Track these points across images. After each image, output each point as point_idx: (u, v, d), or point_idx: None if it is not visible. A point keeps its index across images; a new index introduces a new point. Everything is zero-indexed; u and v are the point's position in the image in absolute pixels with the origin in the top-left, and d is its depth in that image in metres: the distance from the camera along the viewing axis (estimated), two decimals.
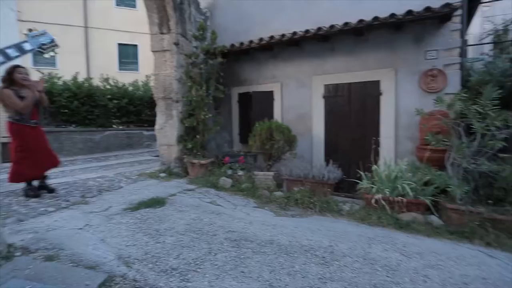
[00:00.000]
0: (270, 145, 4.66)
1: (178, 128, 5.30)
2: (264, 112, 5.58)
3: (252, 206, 3.90)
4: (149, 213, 3.21)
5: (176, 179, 4.97)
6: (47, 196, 3.75)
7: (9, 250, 2.18)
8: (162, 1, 5.06)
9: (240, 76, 6.15)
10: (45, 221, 2.86)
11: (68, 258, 2.20)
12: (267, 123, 4.81)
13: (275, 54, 5.69)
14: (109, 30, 13.92)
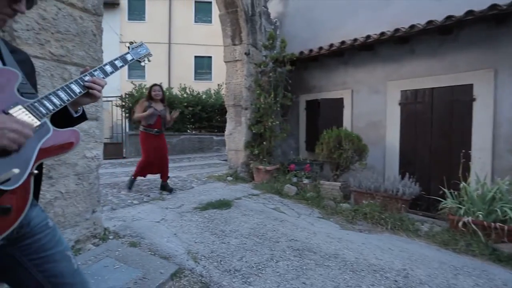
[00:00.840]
0: (338, 154, 4.44)
1: (246, 134, 5.51)
2: (333, 120, 5.38)
3: (317, 216, 3.76)
4: (216, 214, 3.39)
5: (242, 183, 5.15)
6: (133, 190, 4.30)
7: (105, 233, 2.56)
8: (235, 15, 5.39)
9: (309, 83, 6.08)
10: (131, 212, 3.27)
11: (147, 246, 2.47)
12: (335, 131, 4.61)
13: (345, 60, 5.46)
14: (188, 45, 15.48)
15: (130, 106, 9.54)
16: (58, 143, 0.87)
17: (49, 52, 2.07)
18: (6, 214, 0.73)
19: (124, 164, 7.41)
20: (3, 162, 0.72)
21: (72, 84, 0.93)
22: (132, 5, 15.31)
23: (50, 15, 2.07)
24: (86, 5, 2.31)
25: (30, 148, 0.78)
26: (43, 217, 0.95)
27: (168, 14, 15.41)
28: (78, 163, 2.29)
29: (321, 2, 6.06)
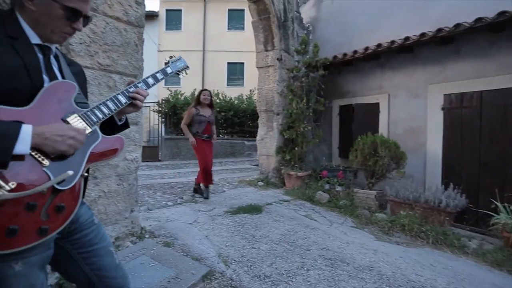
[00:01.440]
0: (374, 162, 4.25)
1: (278, 139, 5.50)
2: (368, 126, 5.17)
3: (350, 225, 3.62)
4: (247, 218, 3.40)
5: (273, 188, 5.13)
6: (168, 192, 4.48)
7: (141, 232, 2.69)
8: (268, 21, 5.45)
9: (342, 88, 5.92)
10: (166, 213, 3.41)
11: (180, 247, 2.55)
12: (370, 137, 4.42)
13: (382, 63, 5.24)
14: (221, 52, 15.92)
15: (166, 111, 10.02)
16: (105, 149, 0.96)
17: (97, 62, 2.25)
18: (61, 212, 0.81)
19: (160, 166, 7.77)
20: (60, 165, 0.80)
21: (119, 95, 1.02)
22: (169, 16, 16.16)
23: (99, 29, 2.25)
24: (130, 18, 2.48)
25: (82, 152, 0.87)
26: (89, 214, 1.03)
27: (203, 22, 16.01)
28: (119, 164, 2.44)
29: (355, 5, 5.92)
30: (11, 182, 0.70)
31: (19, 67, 0.78)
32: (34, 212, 0.75)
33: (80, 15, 0.88)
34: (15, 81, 0.76)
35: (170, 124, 9.97)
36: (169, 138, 9.66)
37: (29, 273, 0.80)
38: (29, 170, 0.74)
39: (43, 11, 0.81)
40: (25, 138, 0.71)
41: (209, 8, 16.01)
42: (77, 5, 0.84)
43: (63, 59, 0.97)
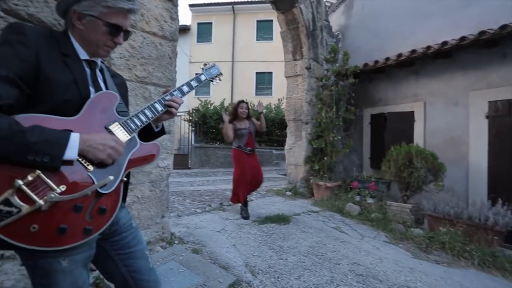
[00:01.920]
0: (409, 173, 4.01)
1: (306, 149, 5.42)
2: (401, 135, 4.92)
3: (383, 240, 3.43)
4: (274, 228, 3.36)
5: (301, 199, 5.03)
6: (197, 199, 4.57)
7: (171, 237, 2.76)
8: (296, 31, 5.47)
9: (374, 96, 5.73)
10: (194, 220, 3.47)
11: (207, 254, 2.57)
12: (405, 147, 4.20)
13: (416, 70, 5.01)
14: (250, 62, 16.21)
15: (196, 121, 10.34)
16: (143, 154, 1.01)
17: (135, 75, 2.39)
18: (103, 214, 0.87)
19: (189, 174, 7.98)
20: (103, 170, 0.86)
21: (156, 103, 1.07)
22: (200, 29, 16.84)
23: (137, 44, 2.40)
24: (165, 33, 2.62)
25: (122, 158, 0.93)
26: (128, 218, 1.09)
27: (232, 34, 16.47)
28: (152, 171, 2.55)
29: (387, 10, 5.75)
30: (61, 185, 0.77)
31: (70, 81, 0.86)
32: (80, 213, 0.81)
33: (121, 30, 0.95)
34: (66, 94, 0.85)
35: (199, 133, 10.27)
36: (198, 147, 9.94)
37: (74, 269, 0.86)
38: (76, 174, 0.81)
39: (89, 28, 0.91)
40: (74, 145, 0.78)
41: (238, 20, 16.46)
42: (117, 21, 0.93)
43: (107, 72, 1.06)
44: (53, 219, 0.77)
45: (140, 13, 2.42)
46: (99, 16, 0.89)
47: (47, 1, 1.95)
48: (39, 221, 0.75)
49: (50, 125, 0.78)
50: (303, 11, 5.24)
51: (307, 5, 5.34)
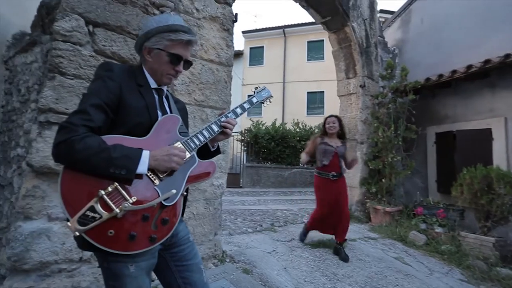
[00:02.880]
0: (488, 200, 3.46)
1: (362, 170, 5.12)
2: (476, 156, 4.33)
3: (458, 278, 2.96)
4: (328, 254, 3.17)
5: (357, 223, 4.70)
6: (248, 218, 4.59)
7: (223, 255, 2.80)
8: (349, 49, 5.37)
9: (439, 113, 5.21)
10: (245, 239, 3.48)
11: (258, 276, 2.53)
12: (482, 169, 3.65)
13: (492, 82, 4.44)
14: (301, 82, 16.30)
15: (248, 141, 10.63)
16: (201, 171, 1.10)
17: (194, 99, 2.60)
18: (166, 224, 0.96)
19: (241, 193, 8.13)
20: (166, 184, 0.98)
21: (212, 124, 1.16)
22: (252, 53, 17.66)
23: (196, 71, 2.63)
24: (221, 59, 2.82)
25: (183, 174, 1.04)
26: (186, 231, 1.17)
27: (283, 56, 16.87)
28: (207, 189, 2.67)
29: (452, 21, 5.31)
30: (133, 196, 0.90)
31: (143, 107, 1.02)
32: (147, 223, 0.92)
33: (181, 59, 1.09)
34: (139, 118, 1.00)
35: (251, 153, 10.50)
36: (250, 166, 10.12)
37: (139, 276, 0.95)
38: (145, 187, 0.93)
39: (156, 59, 1.07)
40: (145, 160, 0.91)
41: (289, 42, 16.87)
42: (178, 51, 1.07)
43: (171, 98, 1.21)
44: (125, 226, 0.88)
45: (200, 43, 2.66)
46: (164, 48, 1.05)
47: (126, 41, 2.27)
48: (114, 227, 0.87)
49: (126, 144, 0.92)
50: (355, 29, 5.15)
51: (359, 22, 5.24)
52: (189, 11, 2.61)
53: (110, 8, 2.15)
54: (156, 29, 1.04)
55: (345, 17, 4.99)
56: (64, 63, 1.92)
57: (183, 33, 1.05)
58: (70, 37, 1.96)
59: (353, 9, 5.05)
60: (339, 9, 4.87)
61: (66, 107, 1.93)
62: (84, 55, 2.02)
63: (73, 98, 1.97)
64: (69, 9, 1.96)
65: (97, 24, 2.10)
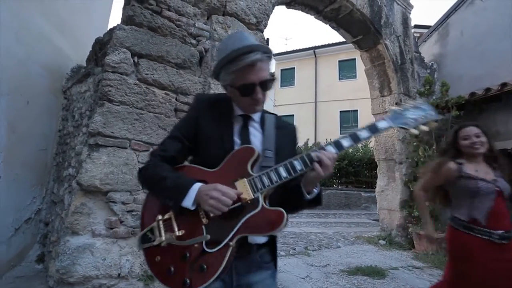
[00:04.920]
0: None
1: (402, 191, 4.80)
2: None
3: None
4: (367, 282, 2.96)
5: (398, 250, 4.35)
6: (280, 241, 4.48)
7: None
8: (383, 66, 5.24)
9: (489, 129, 4.79)
10: (278, 263, 3.38)
11: None
12: None
13: None
14: (333, 101, 16.10)
15: None
16: (260, 222, 0.85)
17: None
18: (202, 271, 0.83)
19: None
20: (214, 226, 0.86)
21: (296, 161, 0.89)
22: (283, 74, 17.97)
23: None
24: None
25: (235, 220, 0.85)
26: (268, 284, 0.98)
27: (314, 76, 16.93)
28: None
29: (497, 31, 4.99)
30: (181, 230, 0.86)
31: (217, 137, 0.95)
32: (185, 263, 0.84)
33: (254, 86, 0.91)
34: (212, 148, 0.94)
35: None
36: None
37: None
38: (193, 224, 0.87)
39: (232, 95, 0.98)
40: (192, 194, 0.84)
41: (320, 62, 16.96)
42: (244, 80, 0.90)
43: (272, 123, 1.03)
44: (168, 257, 0.86)
45: None
46: (231, 83, 0.93)
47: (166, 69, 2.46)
48: (161, 255, 0.87)
49: (194, 174, 0.91)
50: (388, 46, 5.05)
51: (393, 39, 5.14)
52: (222, 39, 2.78)
53: (153, 40, 2.37)
54: (219, 64, 0.93)
55: (377, 35, 4.93)
56: (112, 91, 2.13)
57: (240, 58, 0.88)
58: (118, 68, 2.18)
59: (385, 26, 4.99)
60: (371, 28, 4.84)
61: (112, 131, 2.11)
62: (129, 83, 2.22)
63: (118, 122, 2.15)
64: (119, 44, 2.20)
65: (141, 56, 2.31)
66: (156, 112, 2.36)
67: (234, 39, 0.95)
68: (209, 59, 2.69)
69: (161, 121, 2.37)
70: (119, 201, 2.12)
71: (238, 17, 2.91)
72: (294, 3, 4.16)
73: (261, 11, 3.08)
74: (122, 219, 2.13)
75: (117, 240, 2.10)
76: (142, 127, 2.27)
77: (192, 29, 2.64)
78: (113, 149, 2.12)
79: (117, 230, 2.11)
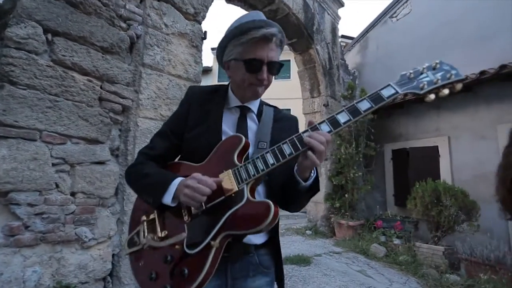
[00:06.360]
0: (437, 212, 3.77)
1: (326, 185, 5.30)
2: (426, 171, 4.72)
3: (414, 286, 3.13)
4: (294, 270, 3.18)
5: (322, 238, 4.81)
6: None
7: None
8: (313, 70, 5.67)
9: (394, 131, 5.65)
10: None
11: None
12: (431, 183, 3.99)
13: (437, 104, 4.94)
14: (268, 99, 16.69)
15: None
16: (247, 216, 0.73)
17: (160, 114, 2.54)
18: (182, 277, 0.72)
19: None
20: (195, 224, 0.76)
21: (285, 144, 0.77)
22: (221, 70, 17.85)
23: (163, 86, 2.58)
24: (189, 75, 2.81)
25: (218, 217, 0.74)
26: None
27: None
28: None
29: (403, 49, 5.90)
30: (164, 230, 0.79)
31: (203, 130, 0.88)
32: (168, 266, 0.75)
33: (261, 64, 0.82)
34: (196, 142, 0.88)
35: None
36: None
37: None
38: (175, 222, 0.79)
39: (234, 72, 0.88)
40: (171, 189, 0.77)
41: None
42: (253, 54, 0.82)
43: (271, 116, 0.97)
44: (150, 262, 0.79)
45: (167, 59, 2.64)
46: (237, 57, 0.85)
47: (89, 52, 2.18)
48: (144, 259, 0.81)
49: (180, 170, 0.86)
50: (319, 51, 5.48)
51: (323, 46, 5.59)
52: (157, 26, 2.59)
53: (74, 18, 2.07)
54: (227, 37, 0.86)
55: (310, 40, 5.30)
56: (16, 72, 1.78)
57: (255, 29, 0.80)
58: (25, 44, 1.83)
59: (316, 33, 5.39)
60: (304, 33, 5.17)
61: (15, 119, 1.77)
62: (40, 64, 1.89)
63: (25, 109, 1.82)
64: (26, 15, 1.85)
65: (57, 33, 1.99)
66: (76, 100, 2.07)
67: (252, 14, 0.88)
68: (141, 46, 2.48)
69: (82, 111, 2.09)
70: (24, 203, 1.79)
71: (174, 5, 2.75)
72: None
73: (200, 2, 2.98)
74: (28, 223, 1.81)
75: (19, 249, 1.77)
76: (57, 116, 1.96)
77: (122, 10, 2.39)
78: (16, 141, 1.78)
79: (20, 238, 1.77)
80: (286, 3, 4.52)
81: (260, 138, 0.88)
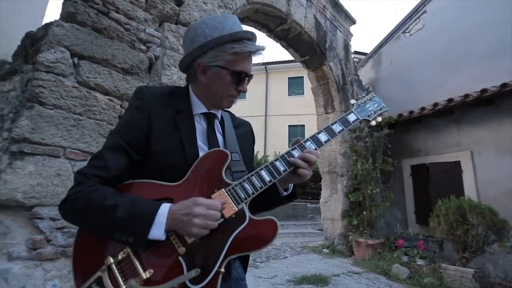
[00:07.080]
0: (463, 231, 3.56)
1: (343, 202, 5.16)
2: (448, 187, 4.52)
3: None
4: None
5: (340, 257, 4.63)
6: None
7: None
8: (327, 86, 5.69)
9: (412, 146, 5.50)
10: None
11: None
12: (455, 200, 3.79)
13: (457, 118, 4.80)
14: (282, 116, 16.82)
15: None
16: (252, 236, 0.71)
17: None
18: None
19: None
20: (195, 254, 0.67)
21: (277, 161, 0.80)
22: None
23: None
24: None
25: (221, 240, 0.69)
26: None
27: (265, 91, 17.54)
28: None
29: (417, 63, 5.86)
30: (149, 269, 0.65)
31: (177, 144, 0.77)
32: None
33: (246, 76, 0.82)
34: (170, 157, 0.76)
35: None
36: None
37: None
38: (165, 257, 0.67)
39: (214, 80, 0.81)
40: (161, 221, 0.65)
41: (270, 77, 17.69)
42: (243, 67, 0.80)
43: (230, 122, 0.93)
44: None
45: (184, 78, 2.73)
46: (225, 65, 0.79)
47: (111, 73, 2.30)
48: None
49: (152, 192, 0.71)
50: (332, 68, 5.52)
51: (336, 62, 5.64)
52: (174, 48, 2.72)
53: (98, 42, 2.21)
54: (215, 40, 0.77)
55: (323, 57, 5.36)
56: (45, 93, 1.90)
57: (247, 41, 0.78)
58: (54, 68, 1.96)
59: (329, 50, 5.45)
60: (317, 50, 5.24)
61: (42, 137, 1.87)
62: (66, 86, 2.01)
63: (51, 128, 1.92)
64: (56, 41, 1.99)
65: (82, 57, 2.13)
66: (98, 119, 2.17)
67: (232, 21, 0.82)
68: (159, 66, 2.60)
69: (102, 129, 2.19)
70: (47, 217, 1.86)
71: None
72: (247, 19, 4.30)
73: None
74: (50, 237, 1.87)
75: (41, 262, 1.82)
76: (80, 134, 2.06)
77: (142, 34, 2.53)
78: (42, 157, 1.87)
79: (43, 251, 1.83)
80: (298, 22, 4.63)
81: (231, 149, 0.84)
